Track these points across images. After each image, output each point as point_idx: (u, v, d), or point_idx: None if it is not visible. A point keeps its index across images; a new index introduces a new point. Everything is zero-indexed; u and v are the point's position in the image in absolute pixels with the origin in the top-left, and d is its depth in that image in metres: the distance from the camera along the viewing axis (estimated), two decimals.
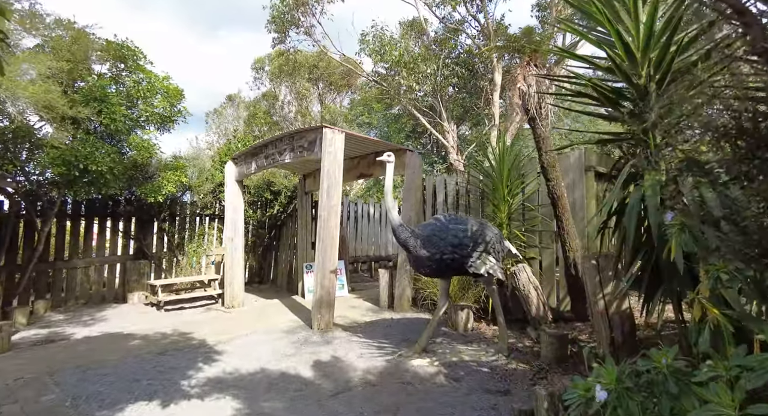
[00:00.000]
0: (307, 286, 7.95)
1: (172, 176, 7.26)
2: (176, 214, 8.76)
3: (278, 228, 9.61)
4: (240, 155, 7.39)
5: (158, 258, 8.47)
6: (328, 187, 5.43)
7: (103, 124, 5.72)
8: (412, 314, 6.16)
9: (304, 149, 5.99)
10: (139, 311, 7.14)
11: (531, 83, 4.22)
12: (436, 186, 6.56)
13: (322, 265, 5.38)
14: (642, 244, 2.37)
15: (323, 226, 5.41)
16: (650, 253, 2.31)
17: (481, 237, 4.03)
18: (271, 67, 29.73)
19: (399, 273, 6.37)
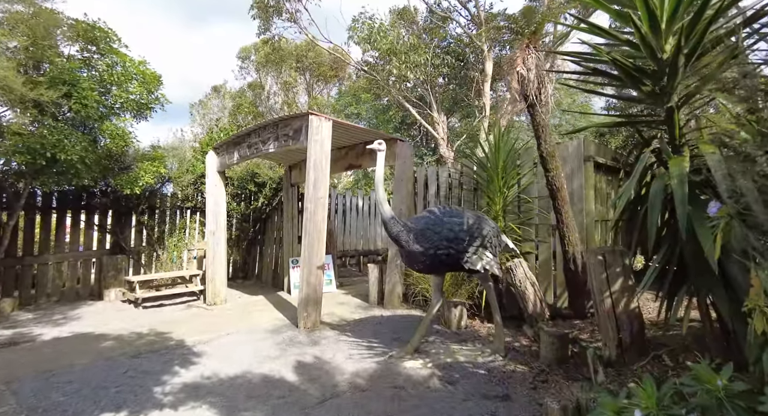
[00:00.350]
0: (293, 282, 7.66)
1: (149, 167, 6.88)
2: (156, 207, 8.37)
3: (263, 222, 9.27)
4: (222, 144, 7.03)
5: (137, 253, 8.09)
6: (314, 178, 5.13)
7: (73, 109, 5.31)
8: (403, 311, 5.92)
9: (288, 138, 5.67)
10: (115, 308, 6.77)
11: (531, 67, 3.96)
12: (428, 177, 6.30)
13: (308, 261, 5.10)
14: (663, 238, 2.15)
15: (310, 220, 5.12)
16: (673, 247, 2.09)
17: (478, 231, 3.79)
18: (258, 56, 29.10)
19: (389, 268, 6.12)
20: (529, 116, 4.20)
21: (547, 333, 3.62)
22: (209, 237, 7.01)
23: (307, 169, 5.20)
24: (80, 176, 5.76)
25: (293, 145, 5.60)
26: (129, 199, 7.75)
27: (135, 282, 6.88)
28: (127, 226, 7.99)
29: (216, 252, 6.96)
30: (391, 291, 6.10)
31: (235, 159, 6.76)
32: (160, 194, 8.50)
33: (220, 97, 28.07)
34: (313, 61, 26.18)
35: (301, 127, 5.46)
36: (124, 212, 7.93)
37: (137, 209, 8.03)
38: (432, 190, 6.20)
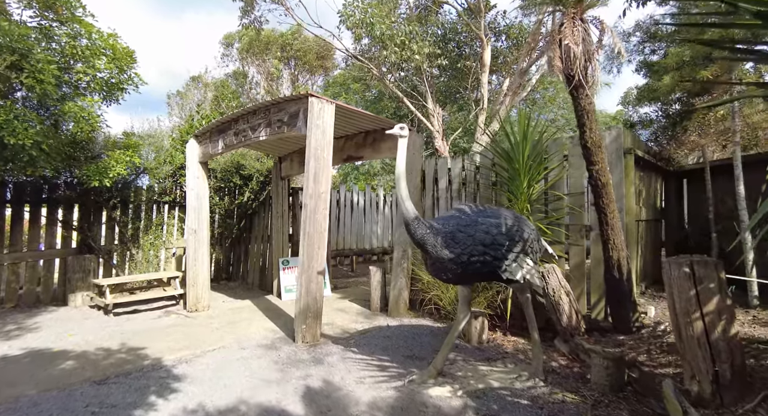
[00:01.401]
0: (284, 285, 6.97)
1: (122, 156, 6.06)
2: (129, 201, 7.53)
3: (249, 218, 8.52)
4: (205, 132, 6.26)
5: (108, 253, 7.25)
6: (315, 170, 4.45)
7: (26, 85, 4.48)
8: (411, 320, 5.31)
9: (283, 124, 4.96)
10: (81, 316, 5.97)
11: (577, 41, 3.37)
12: (437, 170, 5.68)
13: (307, 266, 4.43)
14: None
15: (309, 218, 4.44)
16: None
17: (519, 235, 3.19)
18: (241, 43, 27.93)
19: (395, 271, 5.49)
20: (572, 99, 3.62)
21: (599, 355, 3.06)
22: (190, 237, 6.25)
23: (306, 159, 4.51)
24: (36, 165, 4.94)
25: (289, 132, 4.90)
26: (98, 193, 6.90)
27: (105, 285, 6.07)
28: (96, 223, 7.15)
29: (198, 253, 6.21)
30: (397, 298, 5.48)
31: (220, 148, 6.01)
32: (135, 187, 7.66)
33: (200, 87, 26.81)
34: (299, 49, 25.25)
35: (298, 111, 4.76)
36: (93, 207, 7.08)
37: (108, 204, 7.19)
38: (442, 185, 5.58)
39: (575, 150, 4.40)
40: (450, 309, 4.88)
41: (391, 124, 5.57)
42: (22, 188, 6.48)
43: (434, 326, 4.98)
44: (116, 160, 5.98)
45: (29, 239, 6.58)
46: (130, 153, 6.20)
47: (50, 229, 6.73)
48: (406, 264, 5.44)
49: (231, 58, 29.10)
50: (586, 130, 3.58)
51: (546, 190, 4.62)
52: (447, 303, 4.87)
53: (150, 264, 7.64)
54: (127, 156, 6.14)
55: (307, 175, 4.47)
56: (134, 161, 6.22)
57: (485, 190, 5.16)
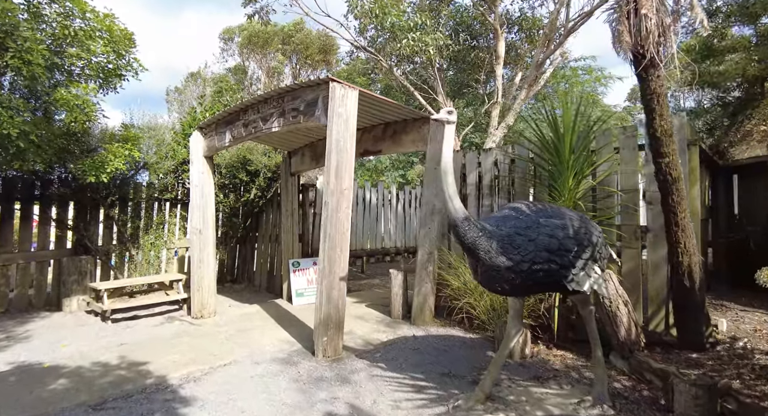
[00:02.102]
0: (295, 288, 6.50)
1: (120, 149, 5.57)
2: (128, 198, 7.04)
3: (255, 217, 8.04)
4: (210, 123, 5.77)
5: (105, 254, 6.77)
6: (337, 163, 3.97)
7: (11, 67, 3.98)
8: (439, 329, 4.85)
9: (299, 113, 4.48)
10: (76, 322, 5.50)
11: (649, 14, 2.89)
12: (466, 165, 5.20)
13: (329, 271, 3.96)
14: None
15: (331, 217, 3.97)
16: None
17: (587, 238, 2.72)
18: (241, 38, 27.35)
19: (419, 275, 5.02)
20: (639, 81, 3.15)
21: (685, 381, 2.59)
22: (194, 237, 5.77)
23: (327, 152, 4.03)
24: (26, 158, 4.46)
25: (305, 122, 4.42)
26: (95, 189, 6.42)
27: (102, 290, 5.60)
28: (92, 222, 6.66)
29: (203, 255, 5.73)
30: (421, 305, 5.01)
31: (227, 141, 5.52)
32: (134, 183, 7.17)
33: (198, 83, 26.23)
34: (301, 42, 24.70)
35: (316, 98, 4.27)
36: (90, 205, 6.60)
37: (105, 201, 6.70)
38: (471, 180, 5.10)
39: (628, 142, 3.94)
40: (484, 318, 4.42)
41: (418, 114, 5.11)
42: (12, 184, 5.99)
43: (466, 337, 4.52)
44: (114, 153, 5.49)
45: (20, 239, 6.10)
46: (129, 146, 5.71)
47: (43, 229, 6.25)
48: (432, 268, 4.98)
49: (230, 53, 28.53)
50: (656, 117, 3.12)
51: (594, 187, 4.15)
52: (481, 312, 4.41)
53: (150, 266, 7.16)
54: (126, 149, 5.65)
55: (328, 170, 4.00)
56: (134, 155, 5.73)
57: (521, 186, 4.69)
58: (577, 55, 15.69)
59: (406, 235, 9.17)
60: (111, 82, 5.48)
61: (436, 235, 4.98)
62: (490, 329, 4.40)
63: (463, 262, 4.73)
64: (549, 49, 11.06)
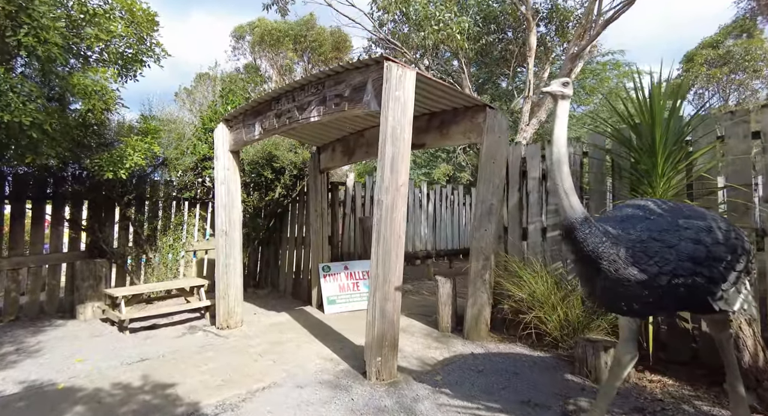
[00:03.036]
0: (327, 295, 5.97)
1: (139, 143, 5.09)
2: (145, 197, 6.58)
3: (279, 217, 7.53)
4: (237, 114, 5.26)
5: (121, 256, 6.30)
6: (392, 156, 3.43)
7: (25, 45, 3.49)
8: (498, 346, 4.28)
9: (343, 100, 3.95)
10: (91, 333, 5.02)
11: None
12: (526, 159, 4.63)
13: (383, 280, 3.42)
14: None
15: (385, 218, 3.42)
16: None
17: (740, 245, 2.15)
18: (253, 36, 26.99)
19: (474, 283, 4.46)
20: None
21: None
22: (220, 239, 5.27)
23: (380, 142, 3.49)
24: (38, 150, 3.98)
25: (351, 109, 3.88)
26: (111, 187, 5.95)
27: (119, 296, 5.11)
28: (108, 222, 6.20)
29: (230, 259, 5.22)
30: (476, 317, 4.45)
31: (257, 133, 5.01)
32: (151, 181, 6.70)
33: (208, 83, 25.94)
34: (314, 40, 24.28)
35: (365, 82, 3.74)
36: (105, 204, 6.14)
37: (122, 200, 6.24)
38: (534, 176, 4.53)
39: (735, 129, 3.36)
40: (557, 335, 3.85)
41: (473, 100, 4.55)
42: (23, 182, 5.54)
43: (534, 356, 3.94)
44: (133, 147, 5.01)
45: (32, 241, 5.64)
46: (148, 140, 5.22)
47: (56, 230, 5.79)
48: (489, 276, 4.41)
49: (242, 52, 28.19)
50: None
51: (690, 182, 3.56)
52: (554, 328, 3.84)
53: (168, 270, 6.68)
54: (146, 143, 5.16)
55: (382, 164, 3.46)
56: (153, 149, 5.24)
57: (597, 182, 4.10)
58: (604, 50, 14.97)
59: (437, 237, 8.61)
60: (131, 68, 5.00)
61: (493, 238, 4.42)
62: (564, 347, 3.83)
63: (527, 269, 4.16)
64: (584, 40, 10.45)
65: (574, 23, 12.10)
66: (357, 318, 5.48)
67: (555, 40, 12.56)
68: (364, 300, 6.05)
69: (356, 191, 7.08)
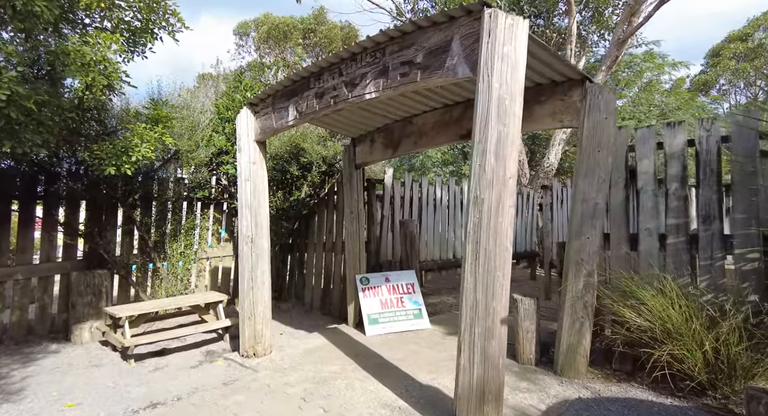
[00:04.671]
0: (367, 313, 5.05)
1: (148, 133, 4.18)
2: (153, 197, 5.67)
3: (304, 220, 6.61)
4: (265, 97, 4.35)
5: (125, 266, 5.39)
6: (498, 138, 2.50)
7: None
8: (608, 386, 3.33)
9: (413, 67, 3.02)
10: (89, 361, 4.12)
11: None
12: (638, 146, 3.68)
13: (483, 308, 2.48)
14: None
15: (487, 222, 2.49)
16: None
17: None
18: (259, 32, 26.13)
19: (572, 305, 3.51)
20: None
21: None
22: (245, 247, 4.34)
23: (479, 120, 2.56)
24: (21, 138, 3.07)
25: (428, 80, 2.95)
26: (112, 185, 5.05)
27: (123, 317, 4.19)
28: (109, 226, 5.30)
29: (257, 272, 4.30)
30: (573, 348, 3.51)
31: (291, 118, 4.09)
32: (159, 178, 5.79)
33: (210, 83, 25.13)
34: (325, 36, 23.44)
35: (448, 41, 2.81)
36: (106, 205, 5.24)
37: (125, 200, 5.34)
38: (645, 168, 3.59)
39: None
40: (704, 379, 2.89)
41: (577, 72, 3.60)
42: (8, 178, 4.64)
43: (666, 404, 2.98)
44: (141, 137, 4.10)
45: (19, 248, 4.73)
46: (159, 129, 4.31)
47: (48, 235, 4.88)
48: (591, 297, 3.47)
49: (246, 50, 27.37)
50: None
51: None
52: (697, 369, 2.89)
53: (179, 281, 5.77)
54: (156, 133, 4.25)
55: (482, 149, 2.52)
56: (165, 140, 4.33)
57: (743, 175, 3.15)
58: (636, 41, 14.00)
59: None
60: (138, 41, 4.09)
61: (598, 248, 3.48)
62: (716, 396, 2.88)
63: (650, 289, 3.22)
64: (632, 25, 9.50)
65: (614, 8, 11.18)
66: (407, 342, 4.55)
67: (591, 26, 11.65)
68: (410, 320, 5.12)
69: (395, 190, 6.15)
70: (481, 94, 2.54)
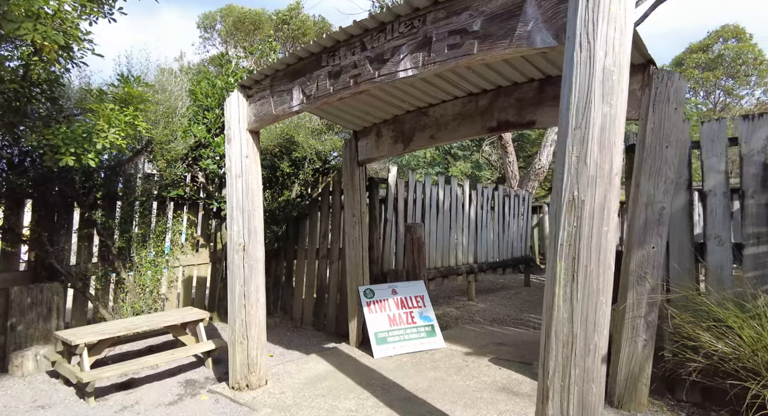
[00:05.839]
0: (374, 331, 4.40)
1: (117, 116, 3.37)
2: (117, 195, 4.81)
3: (294, 223, 5.88)
4: (261, 77, 3.63)
5: (82, 278, 4.51)
6: (603, 122, 1.93)
7: None
8: None
9: (468, 36, 2.42)
10: (34, 402, 3.28)
11: None
12: (704, 141, 3.23)
13: (581, 348, 1.91)
14: None
15: (587, 233, 1.92)
16: None
17: None
18: (226, 23, 24.95)
19: (633, 326, 3.00)
20: None
21: None
22: (235, 256, 3.59)
23: (573, 101, 1.98)
24: None
25: (489, 51, 2.36)
26: (69, 180, 4.18)
27: (80, 344, 3.36)
28: (62, 230, 4.41)
29: (250, 286, 3.57)
30: (634, 376, 3.00)
31: (296, 103, 3.39)
32: (126, 173, 4.93)
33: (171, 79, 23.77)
34: (298, 28, 22.55)
35: (520, 3, 2.23)
36: (59, 205, 4.35)
37: (85, 199, 4.45)
38: (716, 168, 3.13)
39: None
40: None
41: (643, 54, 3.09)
42: None
43: None
44: (109, 120, 3.29)
45: None
46: (131, 112, 3.50)
47: None
48: (654, 317, 2.98)
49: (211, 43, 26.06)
50: None
51: None
52: None
53: (148, 294, 4.92)
54: (128, 116, 3.45)
55: (582, 136, 1.95)
56: (138, 125, 3.53)
57: None
58: None
59: (479, 248, 7.16)
60: None
61: (664, 260, 3.00)
62: None
63: (733, 309, 2.75)
64: None
65: None
66: (425, 366, 3.94)
67: None
68: (422, 338, 4.52)
69: (398, 190, 5.52)
70: (577, 66, 1.97)
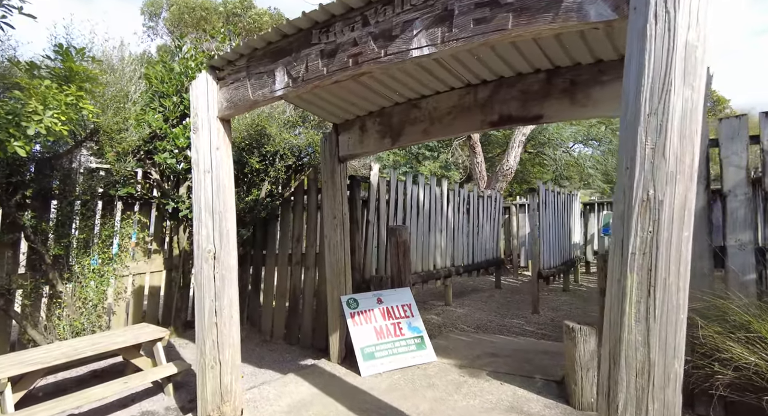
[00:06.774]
0: (360, 346, 3.97)
1: (57, 95, 2.73)
2: (52, 193, 4.06)
3: (263, 225, 5.31)
4: (236, 57, 3.09)
5: (5, 293, 3.73)
6: (684, 107, 1.64)
7: None
8: None
9: (501, 9, 2.07)
10: None
11: None
12: (723, 138, 3.06)
13: (661, 373, 1.62)
14: None
15: (665, 240, 1.61)
16: None
17: None
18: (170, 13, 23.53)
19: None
20: None
21: None
22: (204, 265, 3.03)
23: (639, 81, 1.67)
24: None
25: (529, 26, 2.01)
26: None
27: (2, 380, 2.68)
28: None
29: (222, 300, 3.03)
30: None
31: (279, 87, 2.90)
32: (64, 167, 4.17)
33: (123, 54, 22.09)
34: (254, 21, 21.55)
35: None
36: None
37: (9, 198, 3.69)
38: (736, 168, 2.97)
39: None
40: None
41: None
42: None
43: None
44: (44, 100, 2.65)
45: None
46: (73, 91, 2.86)
47: None
48: None
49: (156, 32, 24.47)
50: None
51: None
52: None
53: (90, 310, 4.19)
54: (69, 96, 2.81)
55: (655, 123, 1.65)
56: (82, 107, 2.89)
57: None
58: None
59: (456, 251, 6.88)
60: None
61: (699, 269, 2.80)
62: None
63: None
64: None
65: None
66: (420, 385, 3.56)
67: None
68: (412, 351, 4.13)
69: (380, 189, 5.10)
70: (651, 41, 1.65)
